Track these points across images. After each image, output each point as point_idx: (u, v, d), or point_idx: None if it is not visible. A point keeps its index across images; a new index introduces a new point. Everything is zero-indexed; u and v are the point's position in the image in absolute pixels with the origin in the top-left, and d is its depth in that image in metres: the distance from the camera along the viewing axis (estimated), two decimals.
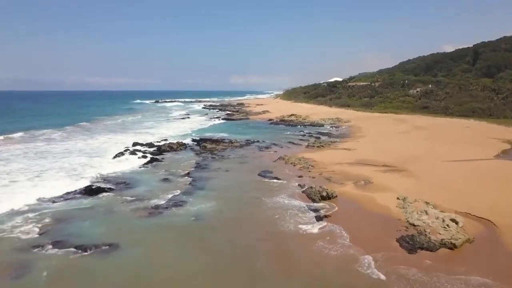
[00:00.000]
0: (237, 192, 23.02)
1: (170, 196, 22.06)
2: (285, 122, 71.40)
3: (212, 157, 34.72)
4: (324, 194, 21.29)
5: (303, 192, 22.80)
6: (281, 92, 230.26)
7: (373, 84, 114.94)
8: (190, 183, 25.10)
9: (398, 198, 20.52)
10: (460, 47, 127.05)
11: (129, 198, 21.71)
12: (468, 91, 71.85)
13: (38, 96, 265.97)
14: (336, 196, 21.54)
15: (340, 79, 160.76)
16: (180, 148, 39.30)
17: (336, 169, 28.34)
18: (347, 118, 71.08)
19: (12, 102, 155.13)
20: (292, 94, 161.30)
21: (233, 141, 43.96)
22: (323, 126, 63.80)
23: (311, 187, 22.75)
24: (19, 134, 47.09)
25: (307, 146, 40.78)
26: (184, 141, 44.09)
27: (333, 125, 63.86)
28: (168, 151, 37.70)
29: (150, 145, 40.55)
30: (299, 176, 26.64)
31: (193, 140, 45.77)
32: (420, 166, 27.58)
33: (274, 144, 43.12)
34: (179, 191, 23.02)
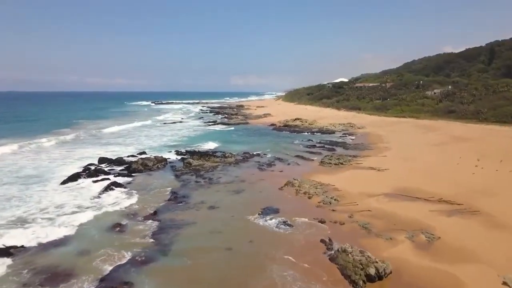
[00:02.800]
0: (223, 261, 14.00)
1: (108, 269, 13.11)
2: (290, 128, 62.55)
3: (197, 181, 25.75)
4: (372, 270, 12.32)
5: (331, 259, 13.85)
6: (283, 93, 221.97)
7: (383, 85, 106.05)
8: (152, 236, 16.15)
9: (506, 283, 11.57)
10: (461, 48, 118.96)
11: (29, 276, 12.75)
12: (499, 92, 62.74)
13: (37, 97, 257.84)
14: (391, 273, 12.58)
15: (346, 80, 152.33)
16: (158, 166, 30.37)
17: (372, 206, 19.38)
18: (361, 124, 62.08)
19: (2, 104, 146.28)
20: (294, 96, 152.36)
21: (226, 155, 35.05)
22: (334, 133, 54.80)
23: (344, 251, 13.78)
24: None
25: (321, 162, 31.83)
26: (165, 155, 35.24)
27: (346, 132, 54.88)
28: (140, 171, 28.77)
29: (119, 162, 31.64)
30: (320, 221, 17.66)
31: (178, 153, 36.87)
32: (499, 204, 18.58)
33: (279, 159, 34.20)
34: (127, 256, 14.07)
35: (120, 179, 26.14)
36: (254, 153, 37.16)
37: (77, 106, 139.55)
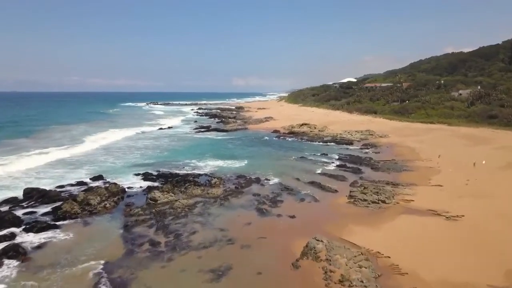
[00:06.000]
0: None
1: None
2: (296, 135, 52.39)
3: (153, 244, 15.36)
4: None
5: None
6: (286, 94, 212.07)
7: (398, 85, 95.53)
8: None
9: None
10: (463, 48, 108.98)
11: None
12: None
13: (35, 98, 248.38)
14: None
15: (354, 79, 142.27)
16: (106, 205, 20.10)
17: None
18: (382, 131, 51.71)
19: None
20: (298, 97, 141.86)
21: (212, 181, 24.88)
22: (352, 144, 44.43)
23: None
24: None
25: (351, 197, 21.49)
26: (128, 181, 25.23)
27: (366, 143, 44.46)
28: (74, 216, 18.54)
29: (51, 197, 21.28)
30: None
31: (146, 178, 26.59)
32: None
33: (287, 188, 24.00)
34: None
35: (29, 238, 15.96)
36: (253, 177, 26.97)
37: (67, 108, 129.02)
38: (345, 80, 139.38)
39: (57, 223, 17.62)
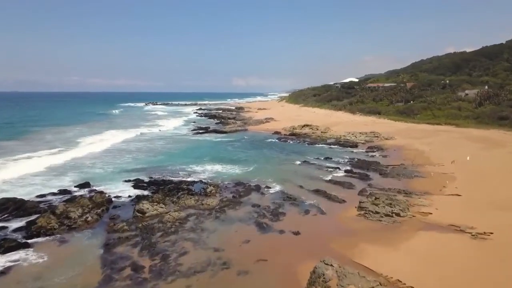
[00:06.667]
0: None
1: None
2: (298, 137, 50.39)
3: (135, 269, 13.24)
4: None
5: None
6: (287, 94, 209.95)
7: (402, 85, 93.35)
8: None
9: None
10: (464, 48, 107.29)
11: None
12: None
13: (35, 97, 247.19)
14: None
15: (356, 80, 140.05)
16: (87, 219, 17.99)
17: None
18: (387, 133, 49.57)
19: None
20: (299, 97, 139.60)
21: (208, 189, 22.79)
22: (356, 146, 42.34)
23: None
24: None
25: (361, 209, 19.36)
26: (117, 189, 23.19)
27: (372, 145, 42.31)
28: (49, 232, 16.43)
29: (26, 209, 19.18)
30: None
31: (136, 185, 24.46)
32: None
33: (289, 197, 21.92)
34: None
35: None
36: (252, 184, 24.92)
37: (66, 108, 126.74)
38: (346, 80, 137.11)
39: (29, 241, 15.51)
